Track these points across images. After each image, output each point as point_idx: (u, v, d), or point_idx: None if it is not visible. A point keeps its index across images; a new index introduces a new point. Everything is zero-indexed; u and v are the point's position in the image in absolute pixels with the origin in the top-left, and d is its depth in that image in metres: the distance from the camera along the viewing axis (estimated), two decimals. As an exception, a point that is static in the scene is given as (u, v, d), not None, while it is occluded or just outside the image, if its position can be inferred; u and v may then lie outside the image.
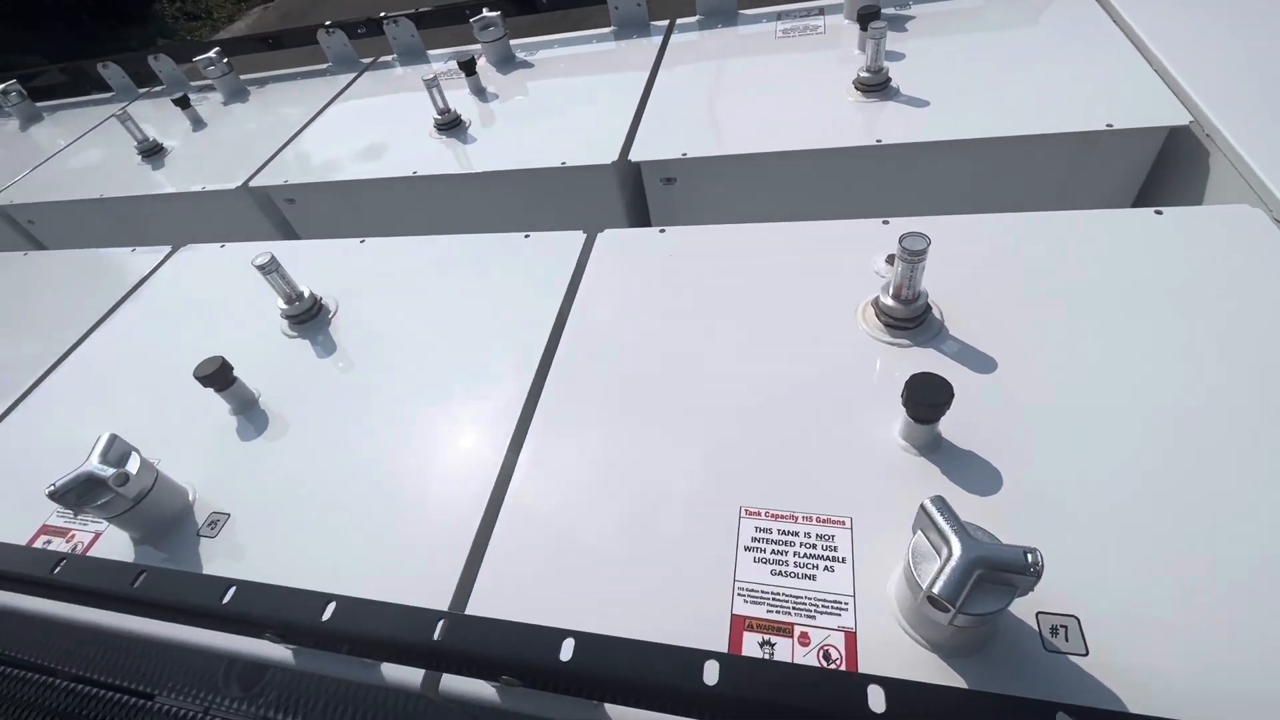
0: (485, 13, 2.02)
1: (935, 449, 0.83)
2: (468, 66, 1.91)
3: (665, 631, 0.64)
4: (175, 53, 2.60)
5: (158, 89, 2.71)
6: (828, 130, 1.43)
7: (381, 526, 0.91)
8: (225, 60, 2.37)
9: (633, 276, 1.19)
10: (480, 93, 1.95)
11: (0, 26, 8.56)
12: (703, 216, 1.56)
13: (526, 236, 1.34)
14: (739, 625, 0.72)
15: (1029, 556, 0.57)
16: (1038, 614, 0.67)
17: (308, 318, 1.27)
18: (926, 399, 0.76)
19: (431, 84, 1.72)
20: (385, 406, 1.08)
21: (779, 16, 1.93)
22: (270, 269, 1.20)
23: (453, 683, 0.75)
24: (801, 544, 0.77)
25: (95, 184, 2.08)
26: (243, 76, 2.49)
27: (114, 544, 0.98)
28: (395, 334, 1.21)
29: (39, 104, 2.86)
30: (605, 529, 0.84)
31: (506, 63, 2.09)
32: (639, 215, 1.69)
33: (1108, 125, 1.26)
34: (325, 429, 1.07)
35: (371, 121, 2.00)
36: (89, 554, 0.99)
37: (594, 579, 0.80)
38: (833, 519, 0.79)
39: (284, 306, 1.26)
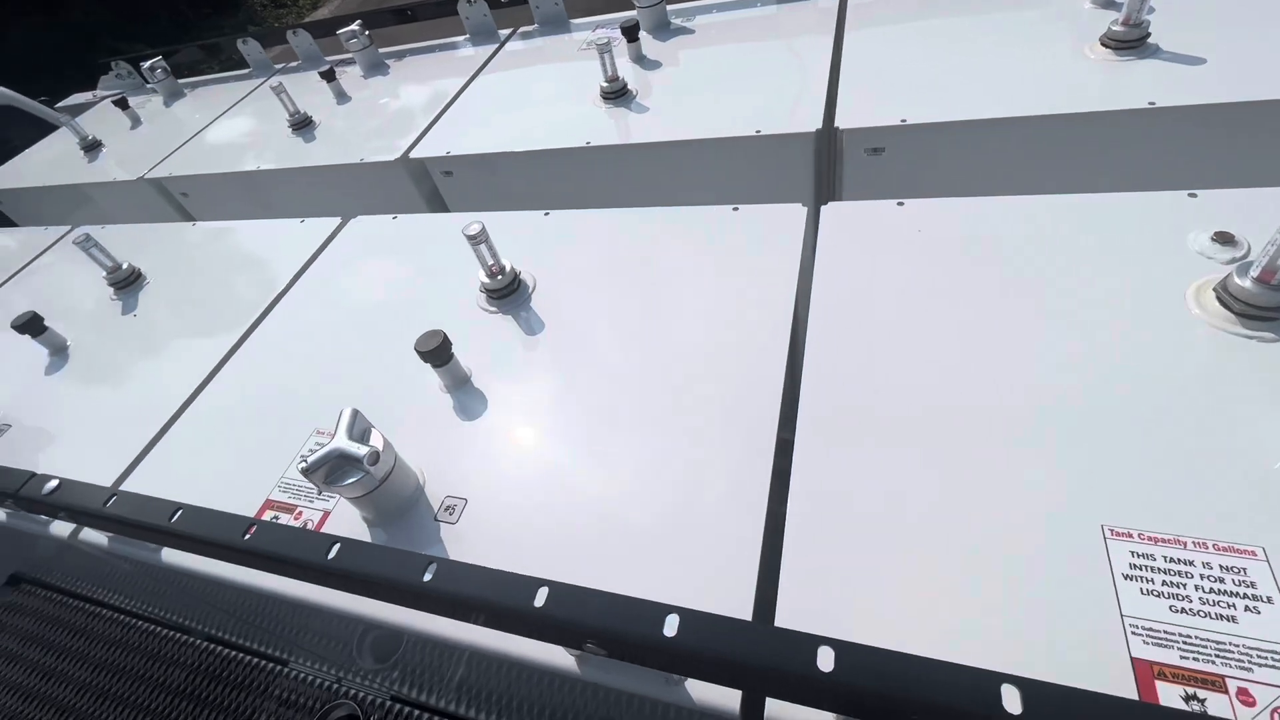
0: (645, -25, 1.91)
1: (1356, 467, 0.67)
2: (630, 32, 1.81)
3: (1051, 676, 0.50)
4: (313, 28, 2.61)
5: (293, 65, 2.73)
6: (1077, 92, 1.26)
7: (642, 524, 0.83)
8: (367, 33, 2.35)
9: (880, 254, 1.06)
10: (640, 60, 1.85)
11: (111, 15, 9.12)
12: (906, 191, 1.41)
13: (735, 209, 1.23)
14: (1145, 672, 0.60)
15: None
16: None
17: (508, 292, 1.20)
18: (1387, 406, 0.61)
19: (604, 49, 1.62)
20: (614, 392, 0.99)
21: (978, -28, 1.74)
22: (481, 239, 1.12)
23: (781, 710, 0.65)
24: (1202, 576, 0.64)
25: (251, 157, 2.09)
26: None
27: (344, 524, 0.93)
28: (608, 313, 1.13)
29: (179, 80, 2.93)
30: (930, 539, 0.72)
31: (663, 29, 1.97)
32: (826, 189, 1.55)
33: None
34: (551, 412, 1.00)
35: (525, 92, 1.93)
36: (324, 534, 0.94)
37: (927, 601, 0.68)
38: (1236, 547, 0.65)
39: (485, 280, 1.19)
